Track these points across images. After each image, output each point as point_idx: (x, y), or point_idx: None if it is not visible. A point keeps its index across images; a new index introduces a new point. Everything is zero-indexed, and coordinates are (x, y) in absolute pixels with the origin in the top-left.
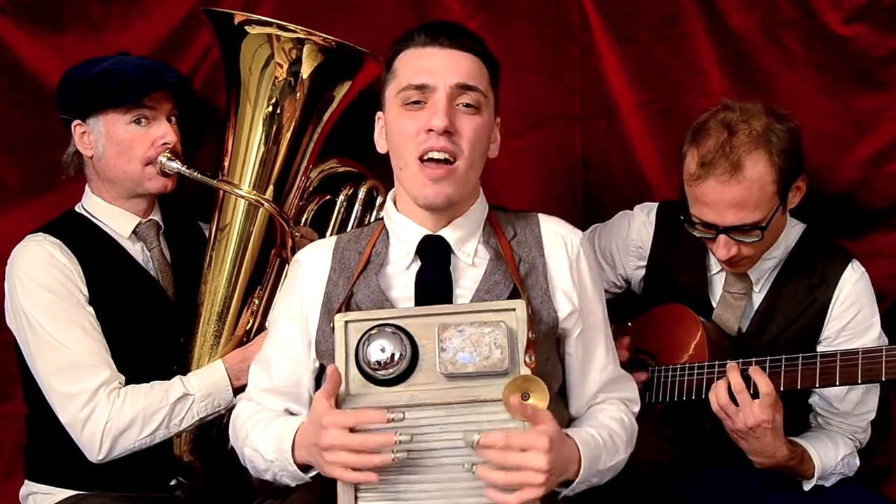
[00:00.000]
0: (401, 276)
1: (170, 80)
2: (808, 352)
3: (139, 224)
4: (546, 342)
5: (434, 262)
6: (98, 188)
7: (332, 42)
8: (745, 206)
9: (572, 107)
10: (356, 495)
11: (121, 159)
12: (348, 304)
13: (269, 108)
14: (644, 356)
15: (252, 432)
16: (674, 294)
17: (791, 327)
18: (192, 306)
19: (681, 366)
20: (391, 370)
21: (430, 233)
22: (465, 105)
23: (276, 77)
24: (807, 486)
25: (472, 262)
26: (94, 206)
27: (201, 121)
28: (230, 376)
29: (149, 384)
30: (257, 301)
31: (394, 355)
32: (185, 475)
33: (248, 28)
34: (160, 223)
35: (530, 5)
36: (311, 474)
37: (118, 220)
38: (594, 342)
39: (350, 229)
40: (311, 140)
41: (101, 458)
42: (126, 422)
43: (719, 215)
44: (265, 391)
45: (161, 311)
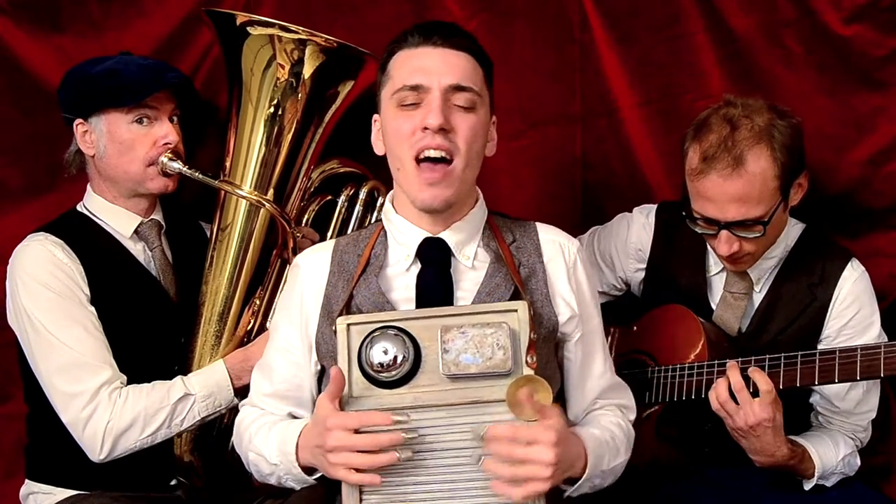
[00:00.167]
0: (401, 277)
1: (172, 80)
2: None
3: (141, 224)
4: (545, 346)
5: (434, 264)
6: (100, 188)
7: (334, 43)
8: (747, 201)
9: (572, 107)
10: (361, 497)
11: (122, 159)
12: (349, 307)
13: (271, 109)
14: (644, 357)
15: (255, 437)
16: (673, 295)
17: (791, 326)
18: (193, 306)
19: (680, 366)
20: (394, 372)
21: (430, 235)
22: (460, 105)
23: (277, 78)
24: (807, 485)
25: (472, 264)
26: (95, 205)
27: (203, 121)
28: (231, 376)
29: (150, 384)
30: (258, 301)
31: (397, 357)
32: (185, 475)
33: (250, 29)
34: (162, 223)
35: (530, 5)
36: (315, 477)
37: (120, 220)
38: (593, 348)
39: (351, 230)
40: (313, 141)
41: (102, 457)
42: (127, 422)
43: (721, 210)
44: (267, 396)
45: (162, 311)
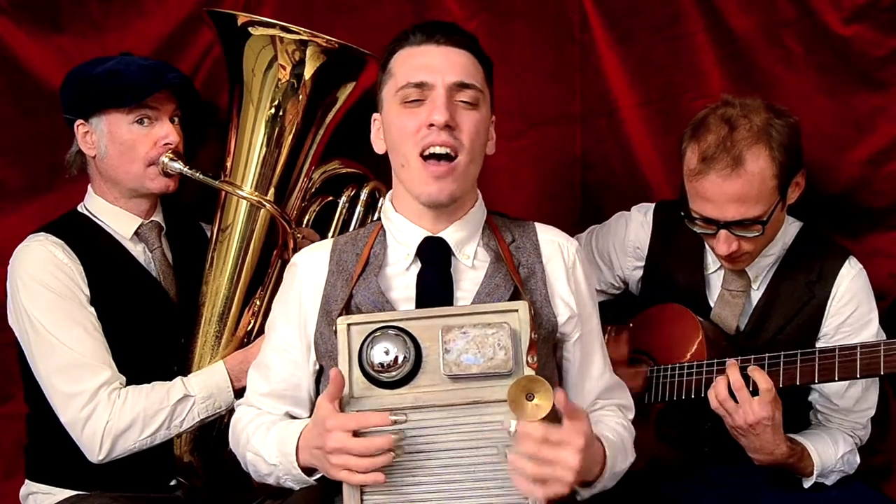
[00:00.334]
0: (400, 277)
1: (173, 81)
2: (807, 349)
3: (141, 225)
4: (545, 346)
5: (435, 263)
6: (101, 188)
7: (335, 43)
8: (746, 201)
9: (572, 107)
10: (362, 497)
11: (123, 159)
12: (348, 307)
13: (272, 110)
14: (642, 356)
15: (253, 437)
16: (672, 294)
17: (789, 324)
18: (193, 307)
19: (679, 365)
20: (395, 372)
21: (430, 234)
22: (464, 102)
23: (279, 79)
24: (806, 483)
25: (471, 264)
26: (96, 206)
27: (203, 121)
28: (231, 377)
29: (150, 385)
30: (258, 302)
31: (397, 357)
32: (185, 475)
33: (251, 29)
34: (162, 224)
35: (530, 5)
36: (315, 477)
37: (120, 221)
38: (591, 348)
39: (352, 230)
40: (314, 141)
41: (101, 458)
42: (127, 422)
43: (720, 210)
44: (264, 395)
45: (162, 311)
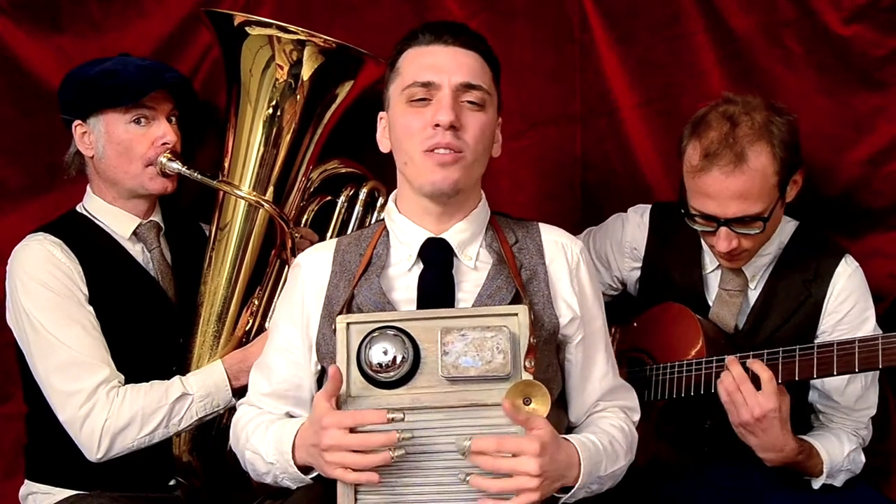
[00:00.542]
0: (402, 278)
1: (170, 80)
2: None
3: (140, 225)
4: (547, 348)
5: (436, 264)
6: (99, 188)
7: (333, 43)
8: (748, 198)
9: (572, 107)
10: (356, 497)
11: (121, 159)
12: (349, 306)
13: (270, 110)
14: (642, 355)
15: (252, 436)
16: (670, 294)
17: (787, 323)
18: (191, 307)
19: (679, 363)
20: (393, 373)
21: (432, 235)
22: (470, 102)
23: (276, 78)
24: (816, 483)
25: (473, 265)
26: (94, 206)
27: (201, 121)
28: (229, 376)
29: (148, 383)
30: (257, 302)
31: (396, 358)
32: (184, 475)
33: (248, 29)
34: (161, 224)
35: (530, 5)
36: (311, 476)
37: (119, 221)
38: (594, 350)
39: (351, 230)
40: (312, 141)
41: (99, 456)
42: (125, 420)
43: (722, 207)
44: (265, 395)
45: (161, 311)
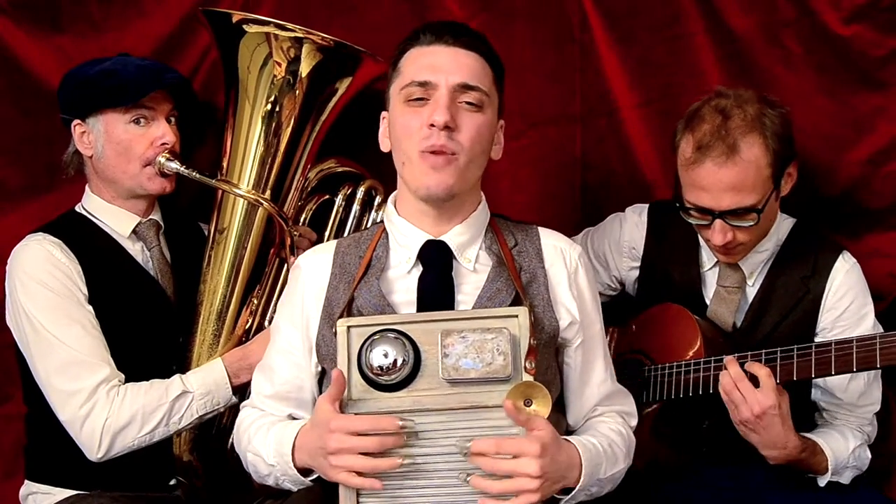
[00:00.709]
0: (402, 280)
1: (169, 81)
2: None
3: (139, 224)
4: (546, 351)
5: (436, 267)
6: (98, 188)
7: (331, 41)
8: (742, 189)
9: (572, 107)
10: (358, 500)
11: (120, 159)
12: (349, 309)
13: (268, 107)
14: (640, 356)
15: (254, 438)
16: (668, 293)
17: (785, 320)
18: (191, 306)
19: (677, 363)
20: (394, 375)
21: (431, 237)
22: (468, 103)
23: (274, 76)
24: (822, 481)
25: (473, 267)
26: (94, 205)
27: (200, 121)
28: (229, 375)
29: (148, 382)
30: (256, 300)
31: (396, 361)
32: (184, 475)
33: (245, 27)
34: (160, 223)
35: (530, 5)
36: (311, 478)
37: (118, 220)
38: (593, 355)
39: (349, 229)
40: (310, 139)
41: (100, 456)
42: (125, 419)
43: (715, 199)
44: (268, 397)
45: (160, 310)
